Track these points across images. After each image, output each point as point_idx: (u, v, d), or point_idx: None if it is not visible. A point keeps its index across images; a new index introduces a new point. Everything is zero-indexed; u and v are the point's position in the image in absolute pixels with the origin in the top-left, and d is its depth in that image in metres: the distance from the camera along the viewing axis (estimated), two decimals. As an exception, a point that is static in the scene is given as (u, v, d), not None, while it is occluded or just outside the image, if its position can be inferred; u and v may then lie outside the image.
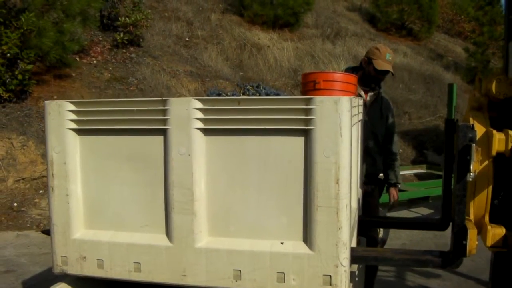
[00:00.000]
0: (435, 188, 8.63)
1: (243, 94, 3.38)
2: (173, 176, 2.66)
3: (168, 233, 2.73)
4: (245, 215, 2.64)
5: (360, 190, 3.89)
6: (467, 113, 3.35)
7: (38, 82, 10.35)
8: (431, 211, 8.97)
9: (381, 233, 6.84)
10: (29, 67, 9.54)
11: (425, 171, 10.54)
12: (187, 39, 14.72)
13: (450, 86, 9.75)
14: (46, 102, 2.85)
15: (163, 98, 2.66)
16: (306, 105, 2.48)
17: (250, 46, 15.07)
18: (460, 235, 2.70)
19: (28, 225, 8.14)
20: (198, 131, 2.61)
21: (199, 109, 2.60)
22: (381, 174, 5.09)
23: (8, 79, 9.41)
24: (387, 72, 4.72)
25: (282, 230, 2.60)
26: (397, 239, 7.19)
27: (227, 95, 3.20)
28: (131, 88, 11.41)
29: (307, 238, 2.55)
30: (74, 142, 2.85)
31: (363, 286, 3.83)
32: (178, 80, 12.42)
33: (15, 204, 8.57)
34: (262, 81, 13.61)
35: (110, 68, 11.99)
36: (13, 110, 9.51)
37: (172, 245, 2.71)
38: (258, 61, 14.63)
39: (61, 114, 2.81)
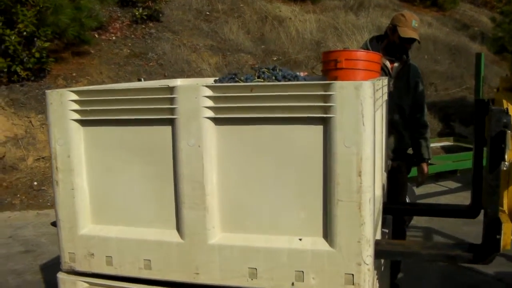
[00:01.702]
0: (463, 161, 8.37)
1: (258, 77, 3.17)
2: (182, 169, 2.48)
3: (179, 228, 2.56)
4: (261, 210, 2.46)
5: (385, 174, 3.68)
6: (499, 94, 3.11)
7: (57, 60, 10.24)
8: (459, 184, 8.77)
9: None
10: (46, 44, 9.42)
11: (452, 143, 10.24)
12: (207, 13, 14.48)
13: (478, 56, 9.53)
14: (47, 91, 2.69)
15: (170, 85, 2.47)
16: (325, 91, 2.27)
17: (271, 18, 14.79)
18: (493, 229, 2.50)
19: (48, 204, 8.09)
20: (208, 120, 2.42)
21: (209, 97, 2.41)
22: (410, 149, 4.82)
23: (26, 58, 9.32)
24: (413, 40, 4.43)
25: (300, 225, 2.41)
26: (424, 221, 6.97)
27: (241, 80, 3.00)
28: (151, 63, 11.25)
29: (327, 234, 2.36)
30: (78, 134, 2.68)
31: (389, 281, 3.65)
32: (198, 55, 12.24)
33: (35, 183, 8.52)
34: (284, 54, 13.37)
35: (129, 44, 11.84)
36: (32, 89, 9.42)
37: (183, 242, 2.54)
38: (280, 34, 14.35)
39: (63, 104, 2.64)
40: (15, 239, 6.69)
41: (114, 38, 11.93)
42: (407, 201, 6.58)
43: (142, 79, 7.69)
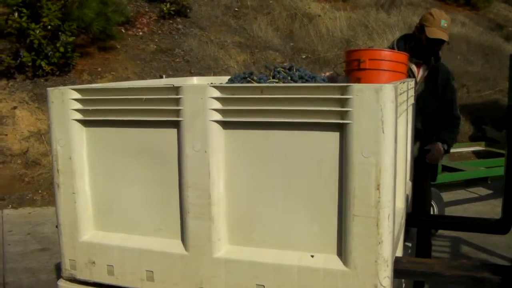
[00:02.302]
0: (495, 168, 8.10)
1: (273, 77, 2.96)
2: (187, 175, 2.30)
3: (183, 239, 2.38)
4: (270, 222, 2.27)
5: (409, 183, 3.46)
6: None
7: (82, 55, 10.15)
8: (490, 191, 8.47)
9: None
10: (71, 39, 9.32)
11: (483, 148, 9.97)
12: (236, 9, 14.31)
13: (512, 58, 9.20)
14: (49, 89, 2.53)
15: (175, 85, 2.29)
16: (342, 95, 2.06)
17: (301, 16, 14.57)
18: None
19: (69, 201, 7.94)
20: (215, 123, 2.24)
21: (216, 98, 2.22)
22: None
23: (50, 52, 9.21)
24: (441, 41, 4.13)
25: (313, 240, 2.21)
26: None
27: (254, 80, 2.81)
28: (177, 60, 11.12)
29: (342, 251, 2.16)
30: (80, 135, 2.52)
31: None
32: (226, 52, 12.07)
33: (57, 179, 8.39)
34: (312, 52, 13.16)
35: (156, 40, 11.71)
36: (56, 84, 9.32)
37: (187, 254, 2.36)
38: (309, 31, 14.13)
39: (64, 103, 2.48)
40: (33, 236, 6.58)
41: (141, 33, 11.81)
42: (434, 208, 6.37)
43: (164, 76, 7.55)
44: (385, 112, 2.01)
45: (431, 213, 6.48)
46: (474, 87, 13.45)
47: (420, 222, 3.75)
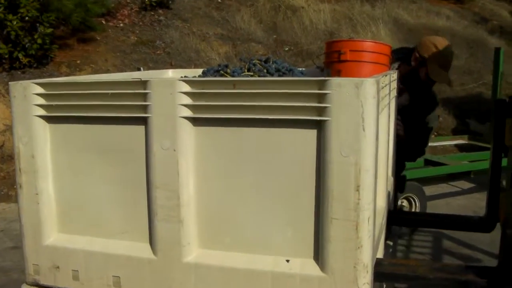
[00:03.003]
0: (478, 162, 8.01)
1: (248, 70, 2.81)
2: (155, 175, 2.15)
3: (151, 243, 2.23)
4: (243, 225, 2.12)
5: (391, 179, 3.32)
6: (523, 94, 2.74)
7: (61, 46, 9.97)
8: (473, 185, 8.40)
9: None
10: (49, 30, 9.14)
11: (467, 142, 9.87)
12: (219, 0, 14.16)
13: (497, 50, 9.19)
14: (11, 83, 2.37)
15: (143, 79, 2.14)
16: (319, 89, 1.92)
17: (284, 8, 14.43)
18: (512, 252, 2.16)
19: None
20: (185, 120, 2.09)
21: (186, 93, 2.07)
22: None
23: (28, 44, 9.02)
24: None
25: (288, 244, 2.07)
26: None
27: (227, 73, 2.66)
28: (158, 51, 10.96)
29: (319, 256, 2.02)
30: (44, 132, 2.36)
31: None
32: (208, 44, 11.92)
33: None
34: (296, 44, 13.05)
35: (137, 31, 11.54)
36: (33, 76, 9.13)
37: (156, 258, 2.22)
38: (292, 23, 14.00)
39: (27, 98, 2.31)
40: (6, 233, 6.42)
41: (121, 25, 11.63)
42: (416, 203, 6.28)
43: (142, 68, 7.38)
44: (366, 108, 1.88)
45: (413, 207, 6.42)
46: (458, 80, 13.37)
47: (402, 220, 3.64)
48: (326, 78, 1.92)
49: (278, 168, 2.04)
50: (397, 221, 3.52)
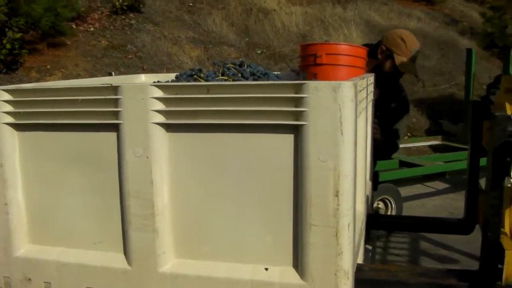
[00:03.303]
0: (453, 163, 8.05)
1: (222, 74, 2.75)
2: (128, 183, 2.09)
3: (126, 253, 2.17)
4: (221, 233, 2.07)
5: (369, 183, 3.29)
6: (501, 96, 2.72)
7: (31, 51, 9.79)
8: (447, 185, 8.40)
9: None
10: (18, 35, 8.96)
11: (440, 142, 9.90)
12: (191, 4, 14.05)
13: (469, 52, 9.24)
14: None
15: (114, 84, 2.07)
16: (296, 93, 1.88)
17: (256, 11, 14.37)
18: (493, 255, 2.13)
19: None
20: (158, 126, 2.03)
21: (159, 99, 2.01)
22: None
23: (-4, 49, 8.87)
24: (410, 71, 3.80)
25: (267, 252, 2.02)
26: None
27: (201, 78, 2.61)
28: (129, 56, 10.83)
29: (298, 263, 1.98)
30: (12, 140, 2.28)
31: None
32: (179, 47, 11.81)
33: None
34: (268, 47, 13.00)
35: (108, 36, 11.39)
36: (3, 82, 8.96)
37: (130, 268, 2.15)
38: (264, 26, 13.94)
39: (-6, 105, 2.25)
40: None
41: (92, 29, 11.48)
42: (392, 204, 6.27)
43: (113, 73, 7.28)
44: (344, 112, 1.83)
45: (389, 209, 6.40)
46: (430, 81, 13.43)
47: (380, 224, 3.61)
48: (303, 82, 1.88)
49: (255, 174, 1.99)
50: (376, 225, 3.49)
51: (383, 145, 3.94)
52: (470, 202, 3.00)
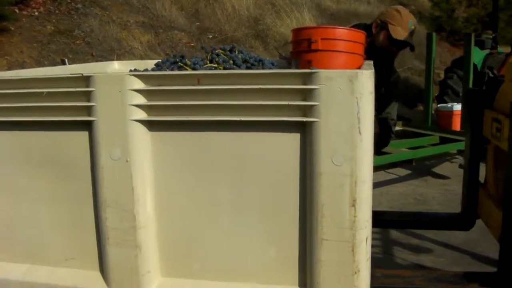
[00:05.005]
0: (420, 149, 8.05)
1: (211, 62, 2.44)
2: (104, 191, 1.79)
3: (103, 271, 1.88)
4: (215, 247, 1.80)
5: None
6: (506, 84, 2.50)
7: (-29, 39, 9.33)
8: (409, 171, 8.31)
9: None
10: (-44, 22, 8.51)
11: (401, 128, 9.81)
12: (138, -14, 13.67)
13: (429, 36, 9.13)
14: None
15: (85, 74, 1.76)
16: (304, 84, 1.61)
17: (206, -7, 14.10)
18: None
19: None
20: (138, 124, 1.74)
21: (139, 91, 1.71)
22: None
23: None
24: (405, 44, 3.56)
25: (269, 270, 1.76)
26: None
27: (187, 65, 2.32)
28: (77, 41, 10.41)
29: (306, 283, 1.72)
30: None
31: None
32: (129, 32, 11.45)
33: None
34: (220, 31, 12.74)
35: (54, 20, 10.94)
36: None
37: (109, 290, 1.87)
38: (215, 10, 13.68)
39: None
40: None
41: (36, 13, 11.00)
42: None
43: (66, 60, 6.85)
44: (362, 107, 1.57)
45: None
46: (384, 66, 13.40)
47: (374, 221, 3.38)
48: (313, 70, 1.60)
49: (255, 180, 1.72)
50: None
51: (378, 137, 3.73)
52: (470, 196, 2.81)
